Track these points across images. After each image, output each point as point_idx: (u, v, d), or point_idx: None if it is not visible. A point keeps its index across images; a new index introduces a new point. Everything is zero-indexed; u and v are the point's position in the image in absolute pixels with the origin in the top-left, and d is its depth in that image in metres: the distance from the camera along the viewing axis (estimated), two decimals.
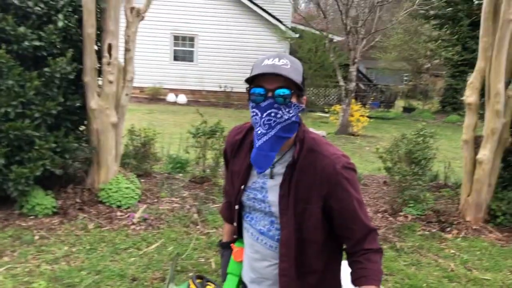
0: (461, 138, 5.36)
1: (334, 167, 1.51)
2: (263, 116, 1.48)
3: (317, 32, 15.28)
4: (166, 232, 4.64)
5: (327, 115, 15.53)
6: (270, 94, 1.46)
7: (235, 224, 1.77)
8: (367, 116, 12.92)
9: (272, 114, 1.47)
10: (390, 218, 5.31)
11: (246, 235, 1.74)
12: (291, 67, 1.47)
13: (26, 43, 4.36)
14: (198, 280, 2.57)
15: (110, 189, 5.04)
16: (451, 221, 5.15)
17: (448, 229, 5.05)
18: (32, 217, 4.65)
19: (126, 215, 4.88)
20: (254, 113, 1.50)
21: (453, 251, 4.63)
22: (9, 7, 4.37)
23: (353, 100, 13.04)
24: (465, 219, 5.20)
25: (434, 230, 5.02)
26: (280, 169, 1.58)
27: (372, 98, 16.96)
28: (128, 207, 5.02)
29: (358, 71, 22.40)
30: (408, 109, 20.65)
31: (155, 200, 5.36)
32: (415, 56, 20.44)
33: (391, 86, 23.95)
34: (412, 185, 5.31)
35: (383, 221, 5.26)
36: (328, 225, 1.59)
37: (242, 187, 1.66)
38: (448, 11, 18.17)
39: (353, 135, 12.49)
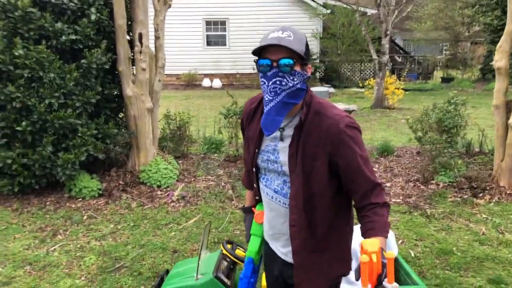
0: (492, 103, 5.30)
1: (337, 126, 1.62)
2: (269, 84, 1.60)
3: (348, 7, 15.09)
4: (203, 207, 4.91)
5: (362, 90, 15.41)
6: (275, 64, 1.58)
7: (255, 185, 1.93)
8: (403, 89, 12.73)
9: (277, 82, 1.59)
10: (422, 187, 5.36)
11: (263, 196, 1.89)
12: (294, 38, 1.58)
13: (64, 37, 4.67)
14: (228, 245, 2.81)
15: (150, 170, 5.36)
16: (483, 186, 5.14)
17: (481, 194, 5.06)
18: (80, 199, 5.03)
19: (166, 194, 5.18)
20: (262, 82, 1.63)
21: (485, 216, 4.65)
22: (46, 5, 4.68)
23: (387, 73, 12.86)
24: (499, 184, 5.18)
25: (465, 196, 5.04)
26: (289, 131, 1.71)
27: (406, 70, 16.57)
28: (167, 186, 5.33)
29: (394, 43, 21.92)
30: (446, 79, 20.09)
31: (192, 179, 5.64)
32: (452, 24, 19.74)
33: (428, 57, 23.28)
34: (442, 153, 5.33)
35: (414, 190, 5.32)
36: (336, 181, 1.70)
37: (256, 150, 1.80)
38: None
39: (388, 108, 12.37)
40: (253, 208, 2.10)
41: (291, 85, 1.60)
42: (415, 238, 4.19)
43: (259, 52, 1.63)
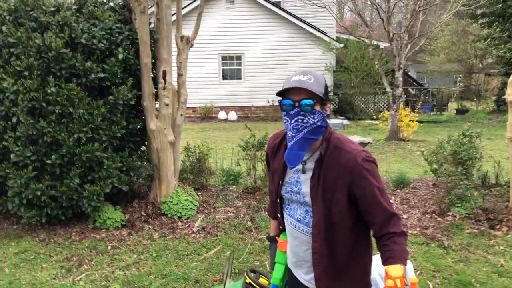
0: (506, 135, 5.39)
1: (355, 160, 1.78)
2: (292, 122, 1.78)
3: (361, 41, 15.44)
4: (223, 238, 5.02)
5: (376, 122, 15.54)
6: (297, 104, 1.77)
7: (279, 215, 2.09)
8: (417, 121, 12.84)
9: (299, 120, 1.77)
10: (438, 218, 5.42)
11: (286, 225, 2.04)
12: (314, 81, 1.77)
13: (93, 75, 4.94)
14: (252, 274, 2.92)
15: (171, 201, 5.52)
16: (500, 218, 5.18)
17: (498, 226, 5.09)
18: (103, 230, 5.19)
19: (187, 225, 5.32)
20: (286, 120, 1.81)
21: (503, 247, 4.68)
22: (77, 46, 4.98)
23: (401, 106, 13.01)
24: None
25: (483, 228, 5.08)
26: (310, 165, 1.87)
27: (421, 102, 16.71)
28: (188, 218, 5.47)
29: (408, 75, 22.14)
30: (461, 111, 20.15)
31: (212, 210, 5.78)
32: (465, 56, 19.96)
33: (442, 89, 23.42)
34: (458, 185, 5.40)
35: (431, 221, 5.38)
36: (355, 211, 1.83)
37: (280, 182, 1.97)
38: (497, 8, 17.69)
39: (403, 140, 12.44)
40: (277, 237, 2.22)
41: (311, 122, 1.78)
42: (433, 270, 4.24)
43: (283, 93, 1.82)
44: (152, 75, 5.51)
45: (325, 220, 1.83)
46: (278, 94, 1.83)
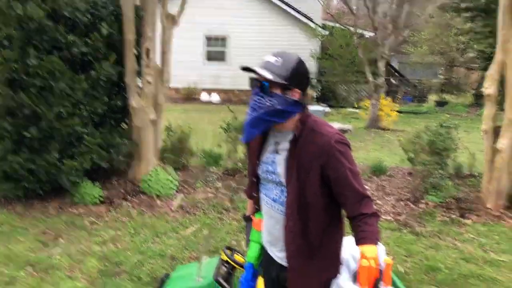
0: (481, 128, 5.54)
1: (329, 142, 1.79)
2: (252, 100, 1.84)
3: (346, 29, 15.46)
4: (202, 218, 5.07)
5: (357, 110, 15.69)
6: (258, 84, 1.81)
7: (254, 194, 2.12)
8: (397, 111, 13.02)
9: (256, 100, 1.81)
10: (412, 206, 5.56)
11: (263, 204, 2.06)
12: (281, 64, 1.78)
13: (75, 49, 4.88)
14: (228, 251, 2.98)
15: (150, 180, 5.53)
16: (471, 208, 5.35)
17: (468, 215, 5.26)
18: (82, 205, 5.19)
19: (165, 203, 5.35)
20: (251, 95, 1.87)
21: (472, 236, 4.84)
22: (60, 18, 4.90)
23: (382, 95, 13.17)
24: (486, 206, 5.40)
25: (454, 216, 5.24)
26: (284, 146, 1.89)
27: (403, 92, 16.93)
28: (167, 196, 5.50)
29: (390, 66, 22.30)
30: (440, 103, 20.46)
31: (191, 190, 5.81)
32: (447, 49, 20.22)
33: (423, 81, 23.71)
34: (433, 174, 5.54)
35: (405, 208, 5.52)
36: (328, 192, 1.85)
37: (257, 161, 2.00)
38: (481, 3, 17.88)
39: (382, 129, 12.61)
40: (252, 216, 2.27)
41: (269, 104, 1.79)
42: (404, 255, 4.37)
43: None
44: (136, 53, 5.47)
45: (299, 200, 1.86)
46: (246, 69, 1.86)
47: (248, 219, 2.34)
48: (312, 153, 1.82)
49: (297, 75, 1.82)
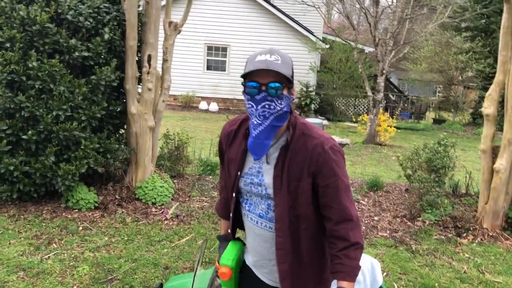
0: (479, 147, 5.55)
1: (322, 147, 1.63)
2: (258, 108, 1.60)
3: (347, 43, 15.55)
4: (196, 227, 5.03)
5: (355, 124, 15.73)
6: (263, 88, 1.58)
7: (231, 215, 1.87)
8: (395, 127, 13.06)
9: (266, 106, 1.60)
10: (408, 223, 5.55)
11: (246, 221, 1.83)
12: (281, 62, 1.59)
13: (76, 53, 4.87)
14: None
15: (146, 187, 5.49)
16: (467, 227, 5.34)
17: (464, 234, 5.25)
18: (76, 210, 5.14)
19: (160, 211, 5.31)
20: (250, 105, 1.62)
21: (468, 255, 4.82)
22: (62, 22, 4.90)
23: (380, 111, 13.21)
24: (482, 226, 5.38)
25: (450, 235, 5.23)
26: (274, 153, 1.70)
27: (400, 109, 17.00)
28: (162, 204, 5.46)
29: (389, 82, 22.45)
30: (438, 121, 20.58)
31: (187, 199, 5.77)
32: (446, 68, 20.39)
33: (422, 98, 23.86)
34: (430, 192, 5.53)
35: (401, 225, 5.50)
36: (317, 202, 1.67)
37: (239, 173, 1.76)
38: (481, 23, 18.10)
39: (380, 144, 12.65)
40: (216, 265, 2.00)
41: (278, 108, 1.61)
42: (399, 272, 4.34)
43: (246, 75, 1.63)
44: (137, 59, 5.46)
45: (289, 213, 1.68)
46: (242, 75, 1.64)
47: (222, 239, 2.04)
48: (303, 160, 1.65)
49: (293, 72, 1.67)
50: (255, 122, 1.63)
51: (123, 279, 3.83)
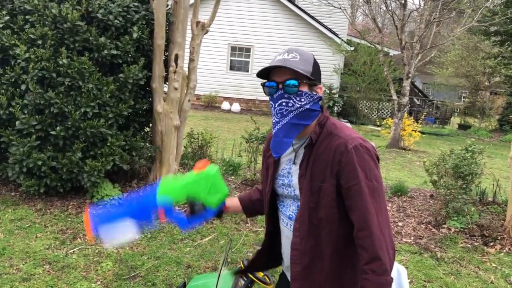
0: (509, 154, 5.41)
1: (346, 146, 1.54)
2: (276, 106, 1.59)
3: (372, 46, 15.41)
4: (219, 227, 5.04)
5: (379, 128, 15.55)
6: (280, 86, 1.57)
7: (266, 218, 1.87)
8: (420, 131, 12.86)
9: (284, 104, 1.57)
10: (433, 230, 5.44)
11: (281, 224, 1.81)
12: (300, 59, 1.57)
13: (105, 51, 4.93)
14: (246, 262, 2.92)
15: None
16: (495, 236, 5.20)
17: (491, 243, 5.12)
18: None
19: (183, 210, 5.32)
20: (271, 105, 1.63)
21: (495, 265, 4.70)
22: (93, 20, 4.97)
23: (405, 115, 13.03)
24: (510, 236, 5.24)
25: (476, 244, 5.11)
26: (301, 152, 1.66)
27: (425, 113, 16.75)
28: (185, 203, 5.47)
29: (414, 86, 22.14)
30: (463, 126, 20.21)
31: None
32: (473, 72, 19.99)
33: (447, 102, 23.45)
34: (456, 199, 5.42)
35: (426, 232, 5.40)
36: (343, 206, 1.59)
37: (274, 175, 1.76)
38: (510, 28, 17.68)
39: (404, 149, 12.47)
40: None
41: (298, 106, 1.58)
42: (424, 279, 4.26)
43: (268, 76, 1.64)
44: (164, 58, 5.50)
45: (310, 213, 1.61)
46: (262, 76, 1.64)
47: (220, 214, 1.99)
48: (326, 160, 1.58)
49: (318, 69, 1.64)
50: (274, 120, 1.63)
51: (146, 276, 3.86)
